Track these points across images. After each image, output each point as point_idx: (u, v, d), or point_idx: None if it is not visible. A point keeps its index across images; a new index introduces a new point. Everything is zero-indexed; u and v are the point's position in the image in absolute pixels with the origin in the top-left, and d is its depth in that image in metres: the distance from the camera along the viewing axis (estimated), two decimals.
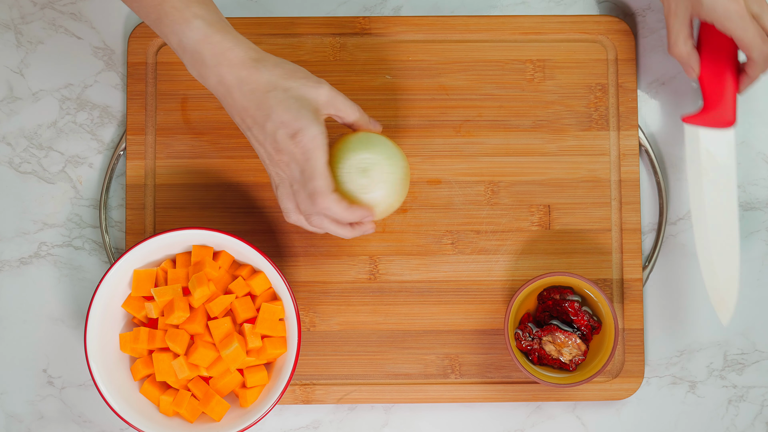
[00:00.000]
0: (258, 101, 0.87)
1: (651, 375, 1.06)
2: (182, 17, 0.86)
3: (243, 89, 0.87)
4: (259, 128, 0.87)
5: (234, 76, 0.86)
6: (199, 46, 0.86)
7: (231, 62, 0.86)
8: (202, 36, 0.86)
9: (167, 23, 0.86)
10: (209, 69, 0.86)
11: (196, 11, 0.86)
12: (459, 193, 1.05)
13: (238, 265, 1.00)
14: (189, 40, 0.86)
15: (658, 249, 1.06)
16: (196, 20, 0.86)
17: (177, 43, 0.87)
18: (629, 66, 1.06)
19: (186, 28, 0.86)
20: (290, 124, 0.86)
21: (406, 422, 1.05)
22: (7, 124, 1.07)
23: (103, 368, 0.97)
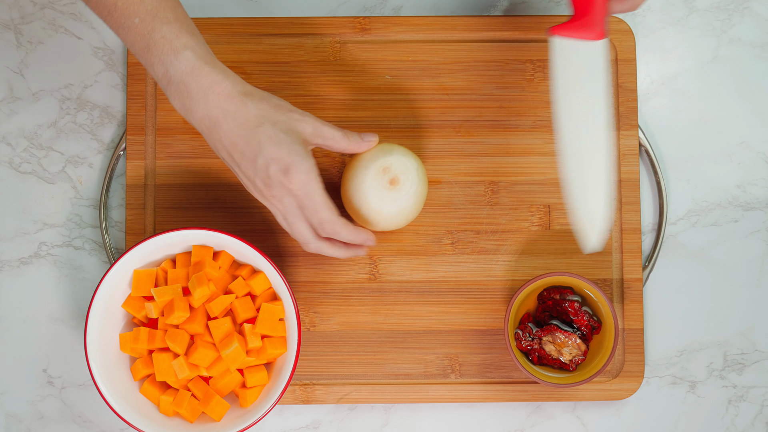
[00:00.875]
0: (247, 136, 0.86)
1: (651, 375, 1.06)
2: (171, 47, 0.85)
3: (230, 124, 0.86)
4: (249, 163, 0.87)
5: (221, 110, 0.86)
6: (186, 78, 0.85)
7: (218, 95, 0.86)
8: (190, 67, 0.85)
9: (155, 53, 0.85)
10: (195, 102, 0.86)
11: (186, 42, 0.85)
12: (459, 193, 1.05)
13: (238, 265, 1.00)
14: (176, 71, 0.85)
15: (658, 249, 1.06)
16: (185, 51, 0.85)
17: (163, 74, 0.86)
18: (629, 66, 1.06)
19: (174, 58, 0.85)
20: (282, 159, 0.87)
21: (406, 422, 1.05)
22: (7, 124, 1.07)
23: (103, 368, 0.97)
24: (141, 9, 0.85)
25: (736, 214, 1.07)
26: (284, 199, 0.89)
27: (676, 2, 1.09)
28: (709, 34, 1.08)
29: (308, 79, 1.06)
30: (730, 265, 1.07)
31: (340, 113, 1.05)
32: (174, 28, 0.85)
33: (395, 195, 0.96)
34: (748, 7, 1.08)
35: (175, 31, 0.85)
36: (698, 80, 1.08)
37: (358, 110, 1.05)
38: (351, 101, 1.06)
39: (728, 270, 1.07)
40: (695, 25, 1.08)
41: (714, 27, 1.08)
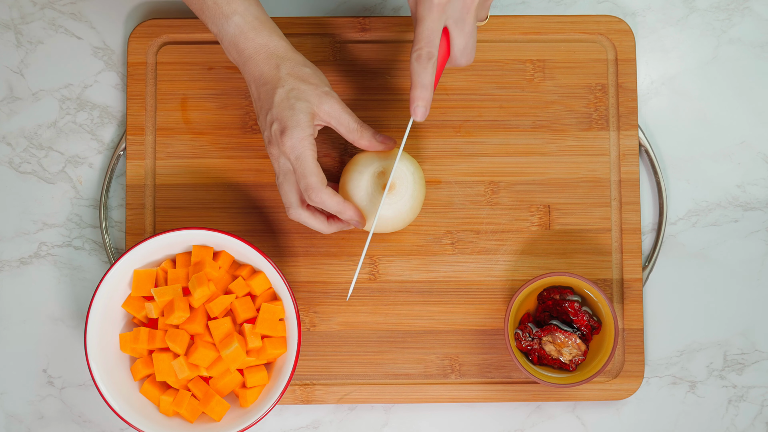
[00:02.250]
0: (267, 93, 0.93)
1: (651, 375, 1.06)
2: (222, 12, 0.93)
3: (259, 81, 0.93)
4: (263, 117, 0.94)
5: (257, 69, 0.93)
6: (235, 40, 0.93)
7: (259, 57, 0.93)
8: (238, 32, 0.93)
9: (208, 15, 0.93)
10: (243, 59, 0.94)
11: (236, 7, 0.93)
12: (459, 193, 1.05)
13: (238, 265, 1.00)
14: (227, 33, 0.93)
15: (658, 249, 1.06)
16: (234, 16, 0.93)
17: (216, 32, 0.94)
18: (629, 66, 1.06)
19: (225, 22, 0.93)
20: (282, 121, 0.91)
21: (406, 422, 1.05)
22: (7, 124, 1.07)
23: (103, 368, 0.97)
24: None
25: (736, 214, 1.07)
26: (279, 159, 0.93)
27: (676, 2, 1.09)
28: (709, 34, 1.08)
29: None
30: (730, 265, 1.07)
31: None
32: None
33: (391, 200, 0.96)
34: (748, 7, 1.08)
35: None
36: (698, 80, 1.08)
37: (358, 110, 1.05)
38: (351, 101, 1.06)
39: (728, 270, 1.07)
40: (695, 25, 1.08)
41: (714, 27, 1.08)
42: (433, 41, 0.88)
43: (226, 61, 1.06)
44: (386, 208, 0.96)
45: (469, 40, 0.90)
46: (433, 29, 0.88)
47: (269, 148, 0.93)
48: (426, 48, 0.88)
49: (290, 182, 0.93)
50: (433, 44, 0.88)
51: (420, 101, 0.90)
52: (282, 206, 1.05)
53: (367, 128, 0.94)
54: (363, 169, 0.96)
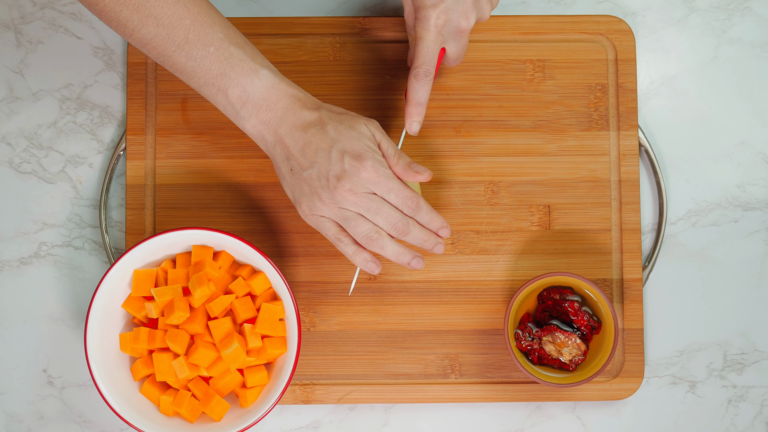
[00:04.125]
0: (321, 133, 0.90)
1: (651, 375, 1.06)
2: (250, 68, 0.90)
3: (304, 127, 0.90)
4: (324, 155, 0.90)
5: (301, 118, 0.91)
6: (267, 93, 0.90)
7: (296, 107, 0.90)
8: (270, 83, 0.90)
9: (233, 76, 0.89)
10: (277, 114, 0.90)
11: (262, 62, 0.91)
12: (459, 193, 1.05)
13: (238, 265, 1.00)
14: (257, 89, 0.90)
15: (658, 249, 1.06)
16: (263, 70, 0.90)
17: (239, 95, 0.90)
18: (629, 66, 1.06)
19: (255, 77, 0.90)
20: (354, 149, 0.90)
21: (406, 422, 1.05)
22: (7, 124, 1.07)
23: (103, 368, 0.97)
24: (215, 37, 0.89)
25: (736, 214, 1.07)
26: (371, 198, 0.90)
27: (676, 2, 1.09)
28: (709, 34, 1.08)
29: (308, 79, 1.06)
30: (730, 265, 1.07)
31: None
32: (248, 51, 0.90)
33: None
34: (748, 7, 1.08)
35: (250, 53, 0.90)
36: (698, 80, 1.08)
37: (358, 110, 1.05)
38: (351, 101, 1.06)
39: (728, 270, 1.07)
40: (695, 25, 1.08)
41: (714, 27, 1.08)
42: (432, 60, 0.94)
43: None
44: None
45: (462, 51, 0.96)
46: (432, 48, 0.93)
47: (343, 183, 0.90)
48: (424, 66, 0.94)
49: (384, 204, 0.91)
50: (431, 63, 0.94)
51: (416, 117, 0.96)
52: (282, 206, 1.04)
53: (404, 156, 0.93)
54: None
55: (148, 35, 0.88)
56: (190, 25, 0.88)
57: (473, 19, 0.93)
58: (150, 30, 0.87)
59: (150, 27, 0.87)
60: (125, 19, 0.87)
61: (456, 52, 0.96)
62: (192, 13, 0.88)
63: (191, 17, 0.88)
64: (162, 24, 0.87)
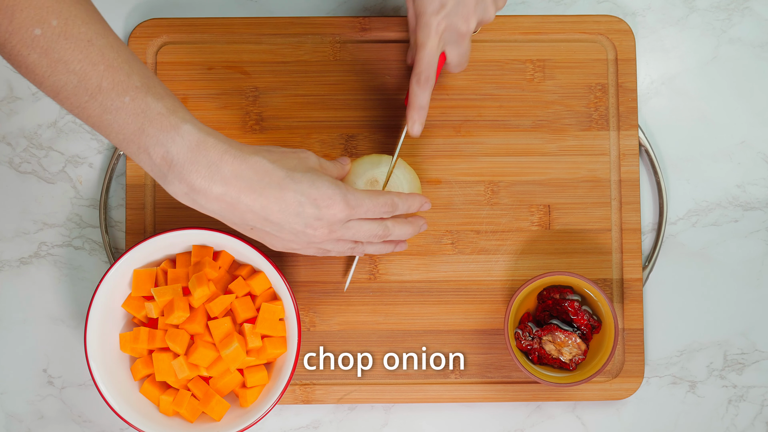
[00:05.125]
0: (280, 192, 0.83)
1: (651, 375, 1.06)
2: (170, 123, 0.79)
3: (256, 188, 0.83)
4: (293, 217, 0.84)
5: (241, 179, 0.82)
6: (192, 155, 0.80)
7: (232, 165, 0.82)
8: (195, 142, 0.80)
9: (151, 132, 0.79)
10: (208, 179, 0.81)
11: (183, 116, 0.81)
12: (459, 193, 1.05)
13: (238, 265, 1.00)
14: (180, 149, 0.80)
15: (658, 249, 1.06)
16: (185, 125, 0.80)
17: (162, 156, 0.80)
18: (629, 66, 1.06)
19: (176, 134, 0.80)
20: (318, 196, 0.85)
21: (406, 422, 1.05)
22: (7, 124, 1.07)
23: (103, 368, 0.97)
24: (130, 86, 0.79)
25: (736, 214, 1.07)
26: (349, 226, 0.88)
27: (676, 2, 1.09)
28: (709, 34, 1.08)
29: (308, 79, 1.06)
30: (730, 264, 1.07)
31: (340, 113, 1.05)
32: (168, 103, 0.80)
33: None
34: (748, 7, 1.08)
35: (170, 106, 0.80)
36: (698, 80, 1.08)
37: (358, 110, 1.05)
38: (351, 101, 1.06)
39: (728, 270, 1.07)
40: (695, 25, 1.08)
41: (714, 27, 1.08)
42: (433, 66, 0.93)
43: (226, 60, 1.06)
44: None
45: (464, 56, 0.96)
46: (433, 54, 0.92)
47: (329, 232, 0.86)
48: (425, 72, 0.93)
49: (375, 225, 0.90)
50: (432, 68, 0.93)
51: (418, 120, 0.95)
52: None
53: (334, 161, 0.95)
54: (356, 179, 0.97)
55: (59, 83, 0.77)
56: (103, 72, 0.78)
57: (473, 23, 0.92)
58: (60, 77, 0.77)
59: (60, 73, 0.77)
60: (33, 64, 0.77)
61: (457, 57, 0.95)
62: (107, 58, 0.78)
63: (105, 63, 0.78)
64: (72, 70, 0.77)
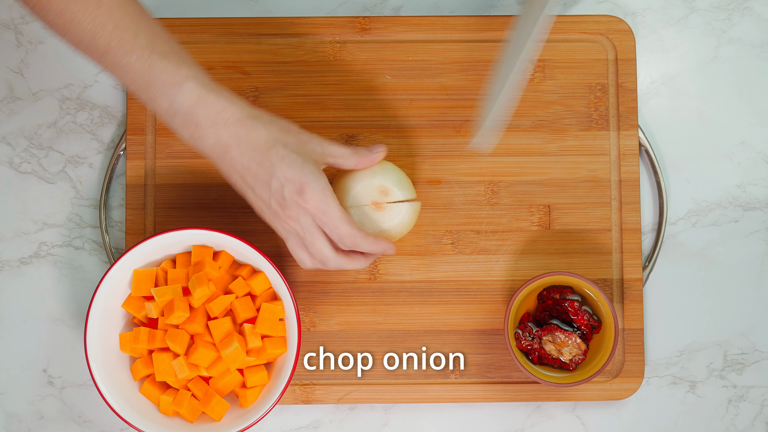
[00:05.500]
0: (260, 159, 0.87)
1: (651, 375, 1.06)
2: (173, 80, 0.85)
3: (242, 147, 0.87)
4: (263, 186, 0.88)
5: (232, 135, 0.86)
6: (193, 108, 0.85)
7: (227, 121, 0.86)
8: (196, 97, 0.85)
9: (157, 87, 0.85)
10: (204, 130, 0.86)
11: (187, 72, 0.85)
12: (459, 193, 1.05)
13: (238, 265, 1.00)
14: (182, 103, 0.85)
15: (658, 249, 1.06)
16: (188, 82, 0.85)
17: (168, 107, 0.86)
18: (629, 66, 1.06)
19: (178, 90, 0.85)
20: (296, 179, 0.87)
21: (406, 422, 1.05)
22: (7, 124, 1.07)
23: (103, 368, 0.97)
24: (137, 45, 0.84)
25: (736, 214, 1.07)
26: (301, 219, 0.89)
27: (676, 2, 1.09)
28: (709, 34, 1.08)
29: (308, 79, 1.06)
30: (730, 265, 1.07)
31: (340, 113, 1.05)
32: (173, 60, 0.85)
33: (382, 217, 0.96)
34: (748, 7, 1.08)
35: (175, 63, 0.85)
36: (698, 80, 1.08)
37: (358, 110, 1.05)
38: (351, 101, 1.06)
39: (728, 270, 1.07)
40: (695, 25, 1.08)
41: (714, 27, 1.08)
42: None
43: (226, 60, 1.06)
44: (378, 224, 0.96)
45: None
46: None
47: (283, 212, 0.88)
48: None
49: (320, 237, 0.90)
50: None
51: None
52: None
53: (359, 148, 0.94)
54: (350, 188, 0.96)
55: (74, 40, 0.84)
56: (111, 32, 0.83)
57: None
58: (75, 35, 0.84)
59: (74, 32, 0.83)
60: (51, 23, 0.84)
61: None
62: (115, 18, 0.83)
63: (113, 23, 0.84)
64: (84, 29, 0.83)
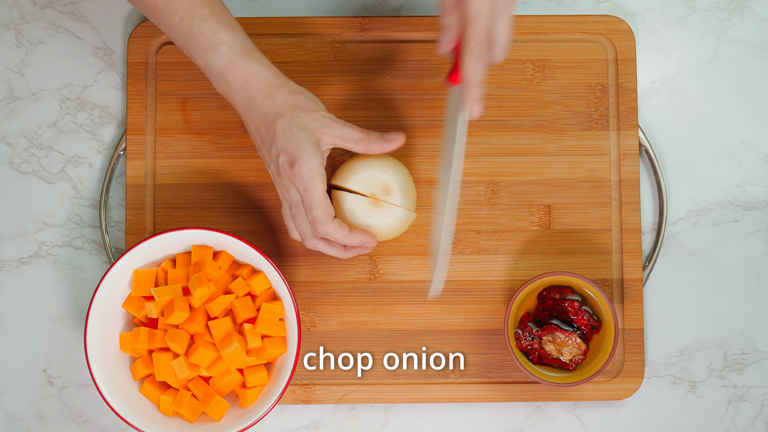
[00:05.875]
0: (267, 126, 0.92)
1: (651, 375, 1.06)
2: (209, 43, 0.91)
3: (258, 112, 0.92)
4: (266, 150, 0.93)
5: (251, 101, 0.92)
6: (224, 71, 0.92)
7: (252, 86, 0.92)
8: (227, 61, 0.91)
9: (195, 48, 0.92)
10: (233, 90, 0.92)
11: (223, 38, 0.92)
12: (459, 193, 1.05)
13: (238, 265, 1.00)
14: (215, 65, 0.92)
15: (658, 249, 1.06)
16: (222, 47, 0.91)
17: (204, 66, 0.93)
18: (629, 66, 1.06)
19: (213, 53, 0.91)
20: (290, 153, 0.91)
21: (406, 422, 1.05)
22: (7, 124, 1.07)
23: (103, 368, 0.97)
24: (179, 8, 0.91)
25: (736, 214, 1.07)
26: (290, 190, 0.92)
27: (676, 2, 1.09)
28: (709, 34, 1.08)
29: (308, 79, 1.06)
30: (730, 265, 1.07)
31: (340, 113, 1.05)
32: (211, 24, 0.91)
33: (374, 212, 0.96)
34: (748, 7, 1.08)
35: (213, 27, 0.91)
36: (698, 80, 1.08)
37: (358, 110, 1.05)
38: (351, 101, 1.06)
39: (728, 270, 1.07)
40: (695, 25, 1.08)
41: (714, 27, 1.08)
42: (484, 37, 0.87)
43: None
44: (378, 220, 0.96)
45: (510, 33, 0.89)
46: (487, 24, 0.86)
47: (278, 179, 0.93)
48: (482, 43, 0.87)
49: (303, 213, 0.93)
50: (485, 41, 0.87)
51: (478, 98, 0.89)
52: None
53: (372, 133, 0.95)
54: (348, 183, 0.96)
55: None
56: None
57: None
58: None
59: None
60: None
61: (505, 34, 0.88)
62: None
63: None
64: None
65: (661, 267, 1.06)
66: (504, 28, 0.88)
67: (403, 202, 0.97)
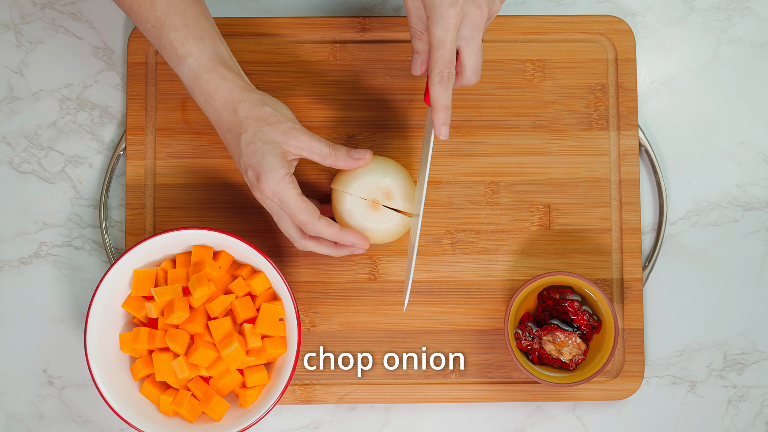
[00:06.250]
0: (234, 139, 0.92)
1: (651, 375, 1.06)
2: (176, 54, 0.92)
3: (223, 127, 0.93)
4: (237, 161, 0.94)
5: (218, 115, 0.93)
6: (190, 84, 0.92)
7: (216, 101, 0.92)
8: (192, 75, 0.92)
9: (166, 56, 0.93)
10: (200, 104, 0.93)
11: (191, 49, 0.92)
12: (459, 193, 1.05)
13: (238, 265, 1.00)
14: (182, 77, 0.93)
15: (658, 249, 1.06)
16: (188, 59, 0.92)
17: (176, 73, 0.93)
18: (629, 66, 1.06)
19: (180, 64, 0.92)
20: (255, 167, 0.91)
21: (406, 422, 1.05)
22: (7, 124, 1.07)
23: (103, 368, 0.97)
24: (151, 15, 0.91)
25: (736, 214, 1.07)
26: (266, 201, 0.93)
27: (676, 2, 1.09)
28: (709, 34, 1.08)
29: (308, 79, 1.06)
30: (730, 265, 1.07)
31: (340, 113, 1.05)
32: (180, 35, 0.91)
33: (372, 215, 0.96)
34: (748, 7, 1.08)
35: (181, 38, 0.91)
36: (698, 80, 1.08)
37: (358, 110, 1.05)
38: (351, 101, 1.06)
39: (728, 270, 1.07)
40: (695, 25, 1.08)
41: (714, 27, 1.08)
42: (452, 62, 0.89)
43: None
44: (377, 224, 0.96)
45: (479, 58, 0.91)
46: (452, 51, 0.88)
47: (253, 191, 0.93)
48: (447, 69, 0.89)
49: (285, 219, 0.93)
50: (453, 65, 0.89)
51: (445, 122, 0.91)
52: None
53: (340, 148, 0.93)
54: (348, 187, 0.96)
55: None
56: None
57: (486, 10, 0.88)
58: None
59: None
60: None
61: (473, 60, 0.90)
62: None
63: None
64: None
65: (661, 267, 1.06)
66: (471, 54, 0.90)
67: (405, 206, 0.97)
